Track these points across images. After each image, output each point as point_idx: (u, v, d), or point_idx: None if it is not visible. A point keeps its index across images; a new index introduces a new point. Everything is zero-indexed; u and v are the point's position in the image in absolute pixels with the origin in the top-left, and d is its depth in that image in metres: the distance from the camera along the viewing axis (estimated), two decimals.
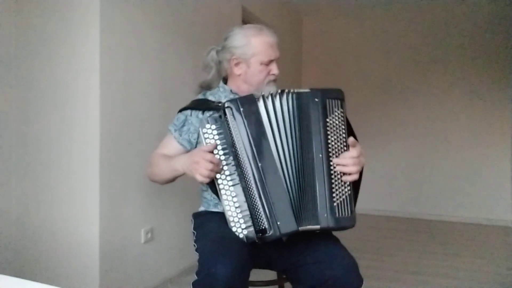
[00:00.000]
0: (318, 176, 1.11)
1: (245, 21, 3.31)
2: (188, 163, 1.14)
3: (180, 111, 1.36)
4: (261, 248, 1.20)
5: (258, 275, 1.46)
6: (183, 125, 1.33)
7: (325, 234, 1.20)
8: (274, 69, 1.31)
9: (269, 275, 1.55)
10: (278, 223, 1.07)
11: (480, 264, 2.77)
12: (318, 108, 1.13)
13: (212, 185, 1.25)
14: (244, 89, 1.33)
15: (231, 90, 1.36)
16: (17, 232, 2.03)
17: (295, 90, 1.15)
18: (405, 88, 4.39)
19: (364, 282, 1.11)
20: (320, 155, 1.11)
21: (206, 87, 1.43)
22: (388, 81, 4.46)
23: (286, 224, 1.08)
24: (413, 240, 3.44)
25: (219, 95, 1.36)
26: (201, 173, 1.08)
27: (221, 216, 1.25)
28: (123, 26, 1.99)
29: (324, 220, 1.09)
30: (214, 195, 1.28)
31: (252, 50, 1.28)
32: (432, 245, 3.27)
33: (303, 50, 4.88)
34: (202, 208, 1.37)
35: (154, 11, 2.20)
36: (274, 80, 1.33)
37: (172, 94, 2.36)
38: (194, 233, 1.30)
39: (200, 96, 1.39)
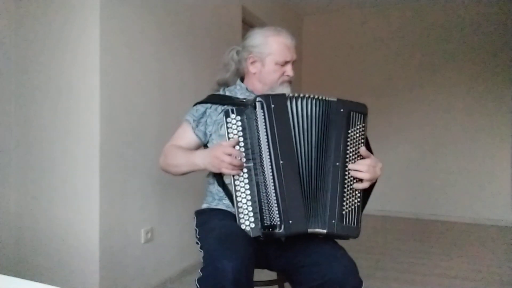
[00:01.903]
0: (332, 183, 1.13)
1: (245, 21, 3.32)
2: (209, 158, 1.16)
3: (199, 103, 1.37)
4: (261, 247, 1.20)
5: (258, 275, 1.45)
6: (202, 117, 1.34)
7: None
8: (288, 70, 1.33)
9: (269, 275, 1.55)
10: (290, 221, 1.07)
11: (480, 264, 2.77)
12: (342, 119, 1.16)
13: (220, 178, 1.27)
14: (258, 88, 1.35)
15: (246, 88, 1.38)
16: (17, 232, 2.03)
17: (323, 97, 1.17)
18: (405, 88, 4.39)
19: (363, 283, 1.11)
20: (338, 164, 1.14)
21: (224, 84, 1.45)
22: (388, 81, 4.46)
23: (298, 223, 1.08)
24: (413, 240, 3.44)
25: (235, 91, 1.39)
26: (226, 167, 1.10)
27: (224, 212, 1.26)
28: (123, 26, 1.99)
29: (332, 226, 1.10)
30: (219, 188, 1.29)
31: (268, 50, 1.31)
32: (433, 245, 3.27)
33: (303, 50, 4.88)
34: (204, 205, 1.37)
35: (154, 12, 2.20)
36: (290, 82, 1.35)
37: (173, 93, 2.36)
38: (196, 230, 1.29)
39: (221, 92, 1.41)
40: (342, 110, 1.16)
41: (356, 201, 1.14)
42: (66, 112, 1.92)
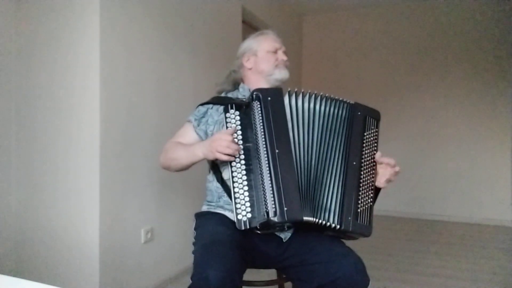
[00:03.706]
0: (348, 181, 1.16)
1: (245, 21, 3.32)
2: (207, 145, 1.18)
3: (201, 105, 1.41)
4: (260, 248, 1.20)
5: (258, 275, 1.46)
6: (203, 117, 1.38)
7: (331, 235, 1.22)
8: (281, 55, 1.41)
9: (269, 275, 1.55)
10: (285, 208, 1.08)
11: (480, 264, 2.77)
12: (359, 121, 1.22)
13: (219, 174, 1.29)
14: (257, 82, 1.40)
15: (249, 90, 1.41)
16: (17, 232, 2.03)
17: (341, 98, 1.24)
18: (404, 88, 4.39)
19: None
20: (354, 163, 1.18)
21: (224, 91, 1.50)
22: (388, 81, 4.46)
23: (293, 211, 1.09)
24: (413, 240, 3.44)
25: (237, 94, 1.43)
26: (221, 150, 1.12)
27: (221, 217, 1.27)
28: (123, 26, 1.99)
29: (347, 222, 1.13)
30: (218, 185, 1.30)
31: (257, 43, 1.42)
32: (432, 245, 3.27)
33: (303, 50, 4.89)
34: (204, 207, 1.38)
35: (153, 12, 2.20)
36: (286, 67, 1.42)
37: (173, 93, 2.36)
38: (194, 233, 1.31)
39: (223, 95, 1.45)
40: (359, 113, 1.22)
41: (369, 200, 1.17)
42: (67, 112, 1.92)
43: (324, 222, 1.12)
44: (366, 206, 1.16)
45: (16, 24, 2.00)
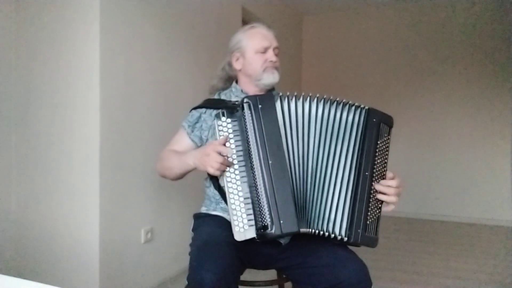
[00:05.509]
0: (360, 192, 1.11)
1: (245, 21, 3.31)
2: (199, 156, 1.15)
3: (194, 109, 1.38)
4: (260, 248, 1.20)
5: (258, 275, 1.46)
6: (197, 122, 1.35)
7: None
8: (270, 56, 1.32)
9: (269, 275, 1.55)
10: (281, 221, 1.06)
11: (481, 264, 2.77)
12: (374, 128, 1.14)
13: (216, 181, 1.26)
14: (247, 84, 1.37)
15: (241, 90, 1.38)
16: (17, 232, 2.03)
17: (350, 102, 1.15)
18: (404, 88, 4.39)
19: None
20: (366, 173, 1.12)
21: (216, 90, 1.47)
22: (388, 81, 4.46)
23: (288, 223, 1.07)
24: (413, 240, 3.44)
25: (230, 94, 1.39)
26: (212, 165, 1.08)
27: (219, 219, 1.26)
28: (123, 26, 1.99)
29: (356, 235, 1.09)
30: (215, 192, 1.29)
31: (245, 42, 1.35)
32: (433, 245, 3.27)
33: (303, 50, 4.88)
34: (203, 209, 1.37)
35: (154, 11, 2.20)
36: (276, 68, 1.34)
37: (172, 93, 2.36)
38: (192, 234, 1.31)
39: (216, 96, 1.42)
40: (374, 120, 1.15)
41: (378, 211, 1.14)
42: (66, 112, 1.92)
43: (327, 234, 1.10)
44: (375, 217, 1.13)
45: (16, 24, 2.00)
